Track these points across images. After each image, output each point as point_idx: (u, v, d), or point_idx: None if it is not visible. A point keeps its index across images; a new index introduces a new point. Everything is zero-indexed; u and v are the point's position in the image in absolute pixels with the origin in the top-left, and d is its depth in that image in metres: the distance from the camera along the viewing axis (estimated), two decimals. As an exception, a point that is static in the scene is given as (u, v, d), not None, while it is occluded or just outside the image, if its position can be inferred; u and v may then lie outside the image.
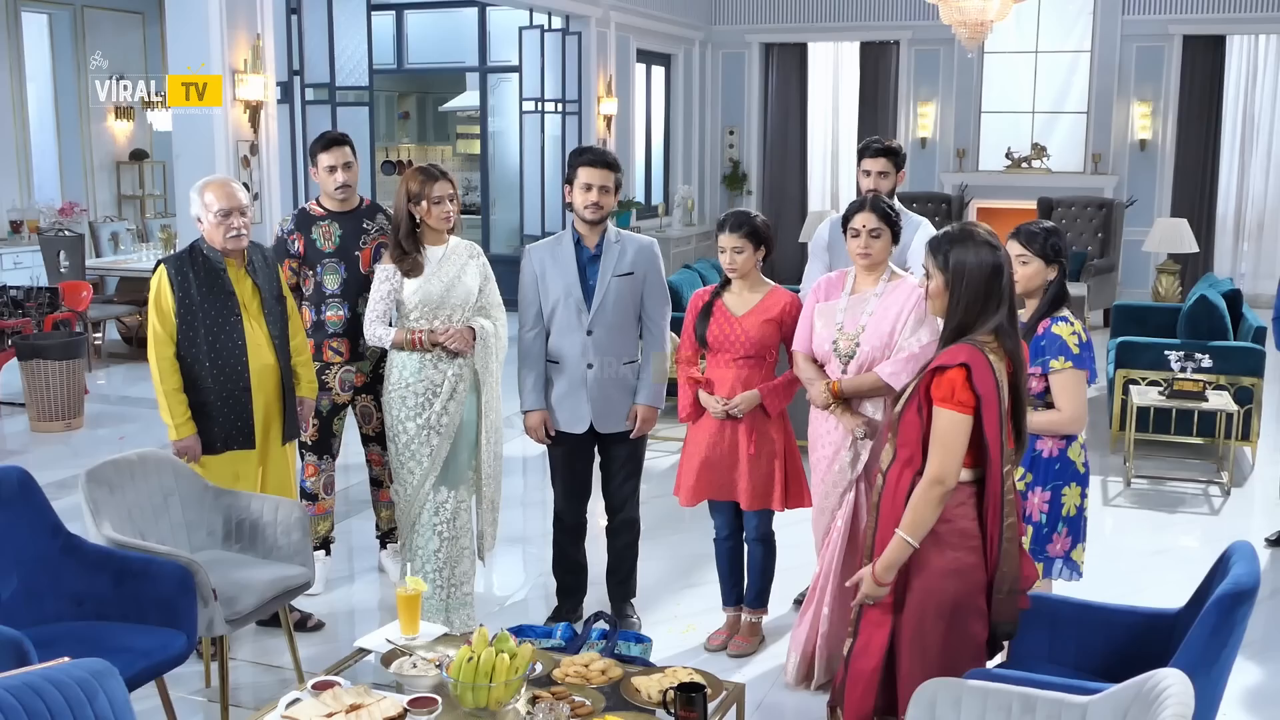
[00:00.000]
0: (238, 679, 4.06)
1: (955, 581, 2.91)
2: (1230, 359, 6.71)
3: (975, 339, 2.88)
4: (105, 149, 12.60)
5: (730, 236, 4.02)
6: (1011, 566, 2.92)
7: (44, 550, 3.51)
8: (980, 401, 2.83)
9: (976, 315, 2.90)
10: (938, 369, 2.88)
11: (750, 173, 14.34)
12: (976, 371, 2.82)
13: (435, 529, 4.24)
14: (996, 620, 2.95)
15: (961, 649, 2.94)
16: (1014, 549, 2.92)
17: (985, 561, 2.93)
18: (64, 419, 7.43)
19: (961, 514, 2.91)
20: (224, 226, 3.99)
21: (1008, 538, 2.90)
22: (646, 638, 3.79)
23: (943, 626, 2.92)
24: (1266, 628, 4.53)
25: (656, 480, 6.17)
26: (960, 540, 2.91)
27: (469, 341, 4.17)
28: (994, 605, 2.94)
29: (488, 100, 12.57)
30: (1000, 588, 2.92)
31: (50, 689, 2.38)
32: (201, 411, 4.04)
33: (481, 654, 2.84)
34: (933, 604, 2.92)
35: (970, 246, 2.91)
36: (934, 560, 2.91)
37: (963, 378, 2.82)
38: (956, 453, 2.85)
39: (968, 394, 2.82)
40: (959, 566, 2.90)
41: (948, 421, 2.84)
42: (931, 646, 2.93)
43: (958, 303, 2.91)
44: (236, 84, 7.31)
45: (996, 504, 2.89)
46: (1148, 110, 12.58)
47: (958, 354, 2.86)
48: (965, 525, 2.91)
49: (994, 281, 2.89)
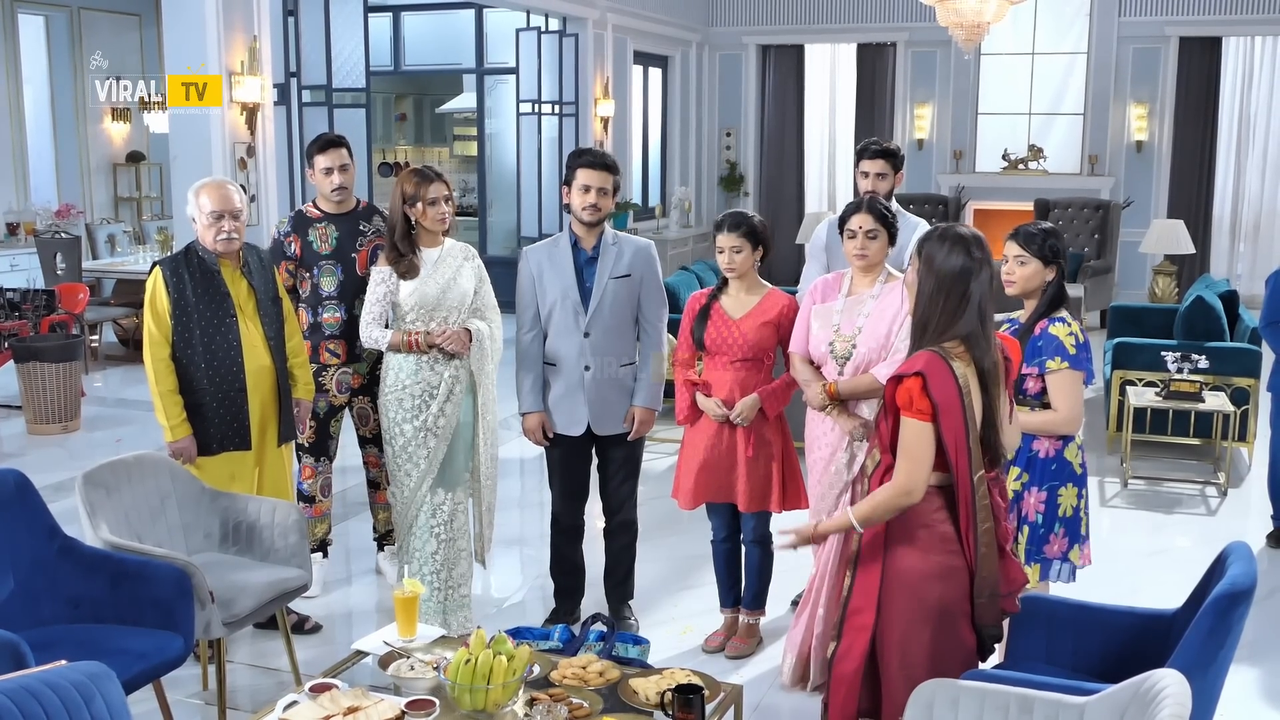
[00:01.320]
0: (235, 681, 4.05)
1: (940, 585, 2.89)
2: (1227, 360, 6.72)
3: (941, 346, 2.86)
4: (102, 151, 12.59)
5: (729, 236, 4.02)
6: (990, 571, 2.90)
7: (41, 553, 3.50)
8: (937, 409, 2.81)
9: (938, 312, 2.87)
10: (897, 378, 2.88)
11: (747, 174, 14.35)
12: (933, 379, 2.81)
13: (432, 531, 4.24)
14: (980, 624, 2.94)
15: (950, 653, 2.92)
16: (992, 554, 2.89)
17: (969, 566, 2.91)
18: (60, 421, 7.42)
19: (938, 519, 2.90)
20: (214, 229, 3.99)
21: (984, 543, 2.88)
22: (644, 639, 3.78)
23: (928, 631, 2.91)
24: (1263, 628, 4.53)
25: (654, 482, 6.16)
26: (941, 544, 2.90)
27: (465, 343, 4.17)
28: (975, 610, 2.92)
29: (485, 102, 12.57)
30: (981, 592, 2.91)
31: (47, 692, 2.37)
32: (197, 413, 4.04)
33: (479, 656, 2.83)
34: (918, 608, 2.91)
35: (946, 244, 2.89)
36: (917, 564, 2.90)
37: (919, 386, 2.81)
38: (921, 460, 2.83)
39: (925, 402, 2.81)
40: (942, 570, 2.89)
41: (910, 430, 2.84)
42: (918, 651, 2.92)
43: (923, 299, 2.91)
44: (233, 85, 7.30)
45: (968, 510, 2.87)
46: (1144, 112, 12.59)
47: (915, 362, 2.85)
48: (944, 530, 2.90)
49: (959, 283, 2.86)
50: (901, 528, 2.92)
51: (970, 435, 2.84)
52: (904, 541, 2.92)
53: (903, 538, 2.92)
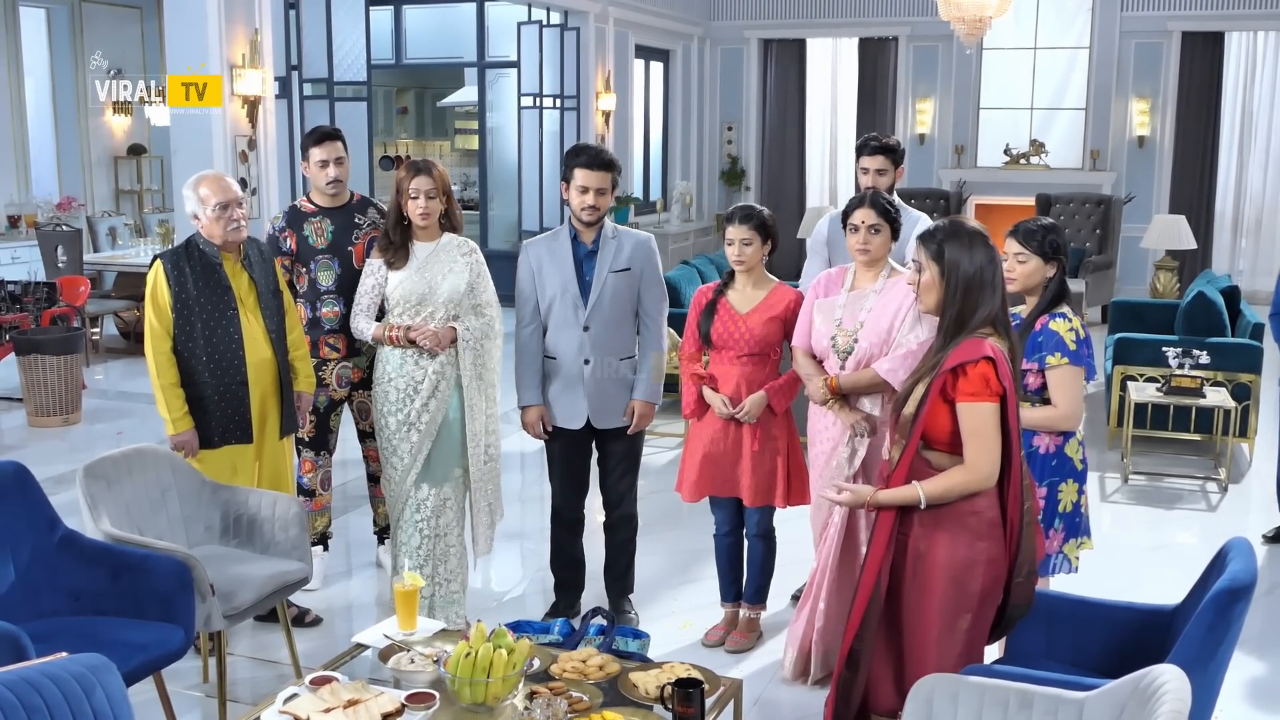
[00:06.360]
0: (235, 674, 4.06)
1: (984, 572, 2.95)
2: (1228, 355, 6.71)
3: (979, 332, 2.93)
4: (103, 144, 12.59)
5: (739, 228, 4.02)
6: (1030, 549, 2.98)
7: (41, 545, 3.51)
8: (1005, 392, 2.89)
9: (974, 307, 2.94)
10: (958, 367, 2.90)
11: (748, 169, 14.34)
12: (1001, 364, 2.89)
13: (416, 525, 4.23)
14: (1014, 604, 3.01)
15: (979, 637, 3.00)
16: (1031, 532, 2.99)
17: (1006, 549, 2.98)
18: (61, 414, 7.42)
19: (988, 505, 2.95)
20: (223, 219, 3.99)
21: (1026, 522, 2.97)
22: (644, 633, 3.79)
23: (970, 617, 2.97)
24: (1263, 624, 4.54)
25: (654, 476, 6.17)
26: (989, 531, 2.95)
27: (443, 342, 4.13)
28: (1012, 589, 2.99)
29: (486, 95, 12.55)
30: (1020, 571, 2.98)
31: (48, 684, 2.37)
32: (198, 406, 4.04)
33: (479, 649, 2.84)
34: (963, 596, 2.95)
35: (963, 239, 2.96)
36: (963, 553, 2.94)
37: (992, 370, 2.88)
38: (994, 442, 2.89)
39: (999, 384, 2.88)
40: (988, 557, 2.95)
41: (981, 414, 2.88)
42: (960, 637, 2.97)
43: (955, 295, 2.95)
44: (234, 79, 7.30)
45: (1017, 490, 2.95)
46: (1146, 107, 12.58)
47: (975, 349, 2.90)
48: (992, 516, 2.95)
49: (987, 274, 2.95)
50: (951, 514, 2.95)
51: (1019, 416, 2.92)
52: (951, 529, 2.95)
53: (950, 524, 2.95)
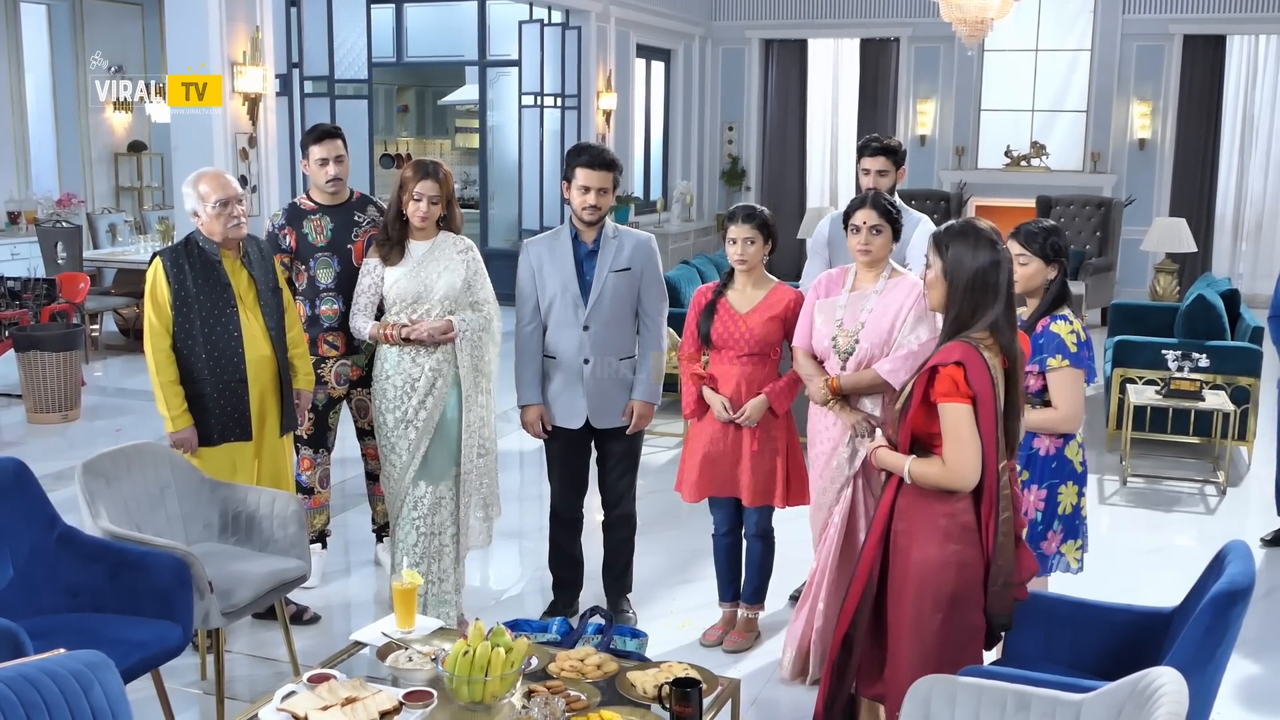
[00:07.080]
0: (233, 671, 4.06)
1: (954, 574, 2.95)
2: (1227, 359, 6.72)
3: (971, 336, 2.93)
4: (103, 140, 12.58)
5: (742, 227, 4.02)
6: (1006, 560, 2.97)
7: (40, 542, 3.51)
8: (976, 398, 2.88)
9: (974, 310, 2.94)
10: (934, 368, 2.92)
11: (749, 169, 14.34)
12: (971, 369, 2.88)
13: (413, 523, 4.23)
14: (991, 613, 3.00)
15: (961, 640, 2.98)
16: (1009, 543, 2.97)
17: (984, 555, 2.97)
18: (61, 411, 7.42)
19: (962, 508, 2.96)
20: (223, 216, 3.99)
21: (1003, 532, 2.96)
22: (642, 633, 3.79)
23: (940, 618, 2.96)
24: (1261, 627, 4.54)
25: (653, 475, 6.17)
26: (961, 534, 2.95)
27: (438, 333, 4.11)
28: (989, 598, 2.99)
29: (487, 94, 12.55)
30: (995, 580, 2.97)
31: (46, 680, 2.37)
32: (198, 403, 4.04)
33: (477, 648, 2.84)
34: (930, 595, 2.96)
35: (970, 241, 2.96)
36: (934, 554, 2.95)
37: (961, 374, 2.88)
38: (970, 443, 2.89)
39: (967, 387, 2.88)
40: (959, 560, 2.95)
41: (955, 414, 2.89)
42: (931, 637, 2.97)
43: (955, 296, 2.96)
44: (235, 76, 7.30)
45: (991, 498, 2.94)
46: (1147, 109, 12.58)
47: (951, 352, 2.92)
48: (966, 519, 2.96)
49: (990, 277, 2.94)
50: (925, 514, 2.98)
51: (998, 425, 2.91)
52: (924, 529, 2.97)
53: (924, 525, 2.98)
